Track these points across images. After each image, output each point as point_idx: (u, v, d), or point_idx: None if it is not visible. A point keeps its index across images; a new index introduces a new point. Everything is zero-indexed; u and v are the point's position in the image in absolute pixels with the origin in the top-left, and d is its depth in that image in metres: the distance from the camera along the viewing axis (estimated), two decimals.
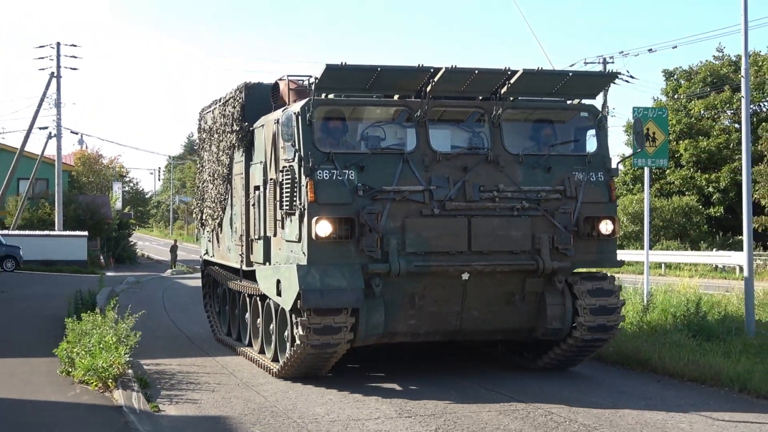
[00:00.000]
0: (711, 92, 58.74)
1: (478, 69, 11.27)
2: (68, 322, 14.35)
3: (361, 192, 10.85)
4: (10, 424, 9.75)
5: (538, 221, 11.33)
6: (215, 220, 15.88)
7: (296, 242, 11.10)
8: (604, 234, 11.57)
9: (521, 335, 12.06)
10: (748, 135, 16.51)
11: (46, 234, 47.91)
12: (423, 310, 11.27)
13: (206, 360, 15.01)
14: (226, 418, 10.58)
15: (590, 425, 9.59)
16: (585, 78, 12.19)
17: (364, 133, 11.71)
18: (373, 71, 11.07)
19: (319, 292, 10.41)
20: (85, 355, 12.29)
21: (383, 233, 10.81)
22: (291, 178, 11.12)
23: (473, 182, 11.15)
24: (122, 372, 11.96)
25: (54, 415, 10.24)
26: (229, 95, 14.73)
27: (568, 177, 11.48)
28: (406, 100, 11.64)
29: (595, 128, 12.13)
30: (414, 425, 9.97)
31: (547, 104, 12.43)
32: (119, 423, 9.70)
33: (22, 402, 10.91)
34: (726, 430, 9.82)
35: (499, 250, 11.18)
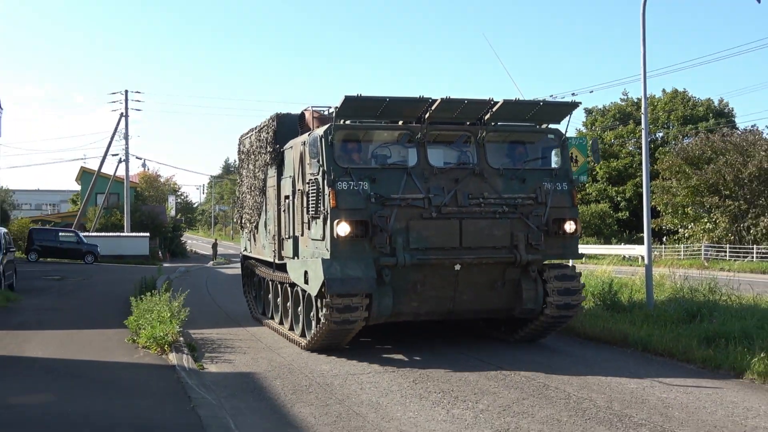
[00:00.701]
0: (619, 125, 59.24)
1: (467, 99, 11.13)
2: (134, 302, 14.31)
3: (373, 199, 10.62)
4: (92, 379, 9.74)
5: (515, 222, 11.13)
6: (252, 224, 15.49)
7: (320, 240, 10.84)
8: (568, 232, 11.44)
9: (502, 314, 11.86)
10: (647, 157, 16.69)
11: (117, 235, 47.86)
12: (423, 294, 11.07)
13: (239, 330, 15.00)
14: (254, 373, 10.58)
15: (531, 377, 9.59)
16: (553, 106, 11.92)
17: (373, 152, 11.49)
18: (383, 101, 10.92)
19: (340, 280, 10.21)
20: (146, 326, 12.28)
21: (391, 233, 10.59)
22: (316, 189, 10.82)
23: (463, 191, 10.94)
24: (175, 339, 11.95)
25: (123, 372, 10.22)
26: (264, 123, 14.34)
27: (539, 187, 11.31)
28: (408, 125, 11.39)
29: (559, 147, 11.94)
30: (396, 378, 9.98)
31: (521, 128, 12.18)
32: (173, 378, 9.68)
33: (100, 363, 10.89)
34: (635, 377, 9.85)
35: (484, 245, 10.98)
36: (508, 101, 11.40)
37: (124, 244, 45.63)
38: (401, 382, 9.79)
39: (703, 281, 16.19)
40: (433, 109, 11.06)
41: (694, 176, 46.87)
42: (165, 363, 10.73)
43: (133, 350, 11.74)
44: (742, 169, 43.97)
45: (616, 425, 7.75)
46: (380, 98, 10.86)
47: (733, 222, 46.29)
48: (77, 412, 7.89)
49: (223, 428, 7.39)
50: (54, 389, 9.03)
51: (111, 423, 7.45)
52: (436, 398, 8.88)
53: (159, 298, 14.10)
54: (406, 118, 11.46)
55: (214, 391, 9.24)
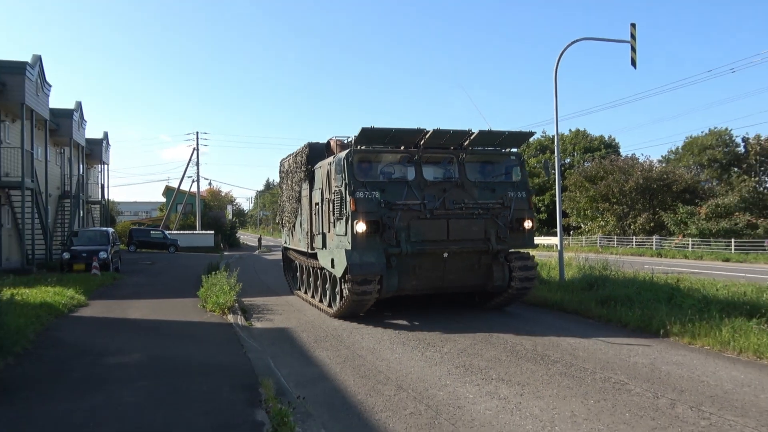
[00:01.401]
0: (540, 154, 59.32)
1: (452, 130, 11.01)
2: (204, 279, 14.27)
3: (383, 205, 10.34)
4: (174, 333, 9.72)
5: (488, 221, 10.86)
6: (290, 224, 15.04)
7: (344, 236, 10.44)
8: (527, 228, 11.14)
9: (478, 288, 11.49)
10: (559, 176, 16.65)
11: (191, 232, 47.67)
12: (420, 275, 10.74)
13: (277, 298, 14.96)
14: (287, 328, 10.57)
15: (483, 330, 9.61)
16: (514, 135, 11.45)
17: (381, 169, 11.07)
18: (389, 131, 10.74)
19: (359, 265, 10.01)
20: (212, 296, 12.26)
21: (397, 229, 10.30)
22: (340, 197, 10.55)
23: (449, 198, 10.71)
24: (232, 305, 11.94)
25: (196, 328, 10.19)
26: (299, 150, 13.91)
27: (505, 195, 11.07)
28: (408, 149, 11.14)
29: (519, 165, 11.68)
30: (387, 332, 9.98)
31: (490, 151, 11.77)
32: (231, 332, 9.66)
33: (179, 321, 10.85)
34: (552, 328, 9.89)
35: (465, 238, 10.72)
36: (483, 131, 11.25)
37: (196, 239, 45.47)
38: (391, 334, 9.78)
39: (598, 262, 16.26)
40: (426, 138, 10.96)
41: (592, 189, 47.98)
42: (225, 321, 10.70)
43: (203, 313, 11.70)
44: (625, 184, 44.71)
45: (539, 362, 7.79)
46: (387, 129, 10.71)
47: (619, 220, 46.96)
48: (165, 355, 7.88)
49: (266, 366, 7.40)
50: (148, 339, 9.02)
51: (188, 362, 7.45)
52: (414, 345, 8.90)
53: (221, 277, 14.10)
54: (406, 144, 11.23)
55: (259, 340, 9.25)
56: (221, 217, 57.25)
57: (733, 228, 37.75)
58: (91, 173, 38.60)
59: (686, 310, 10.14)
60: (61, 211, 29.41)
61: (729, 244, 35.50)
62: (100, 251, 20.59)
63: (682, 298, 11.19)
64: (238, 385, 6.41)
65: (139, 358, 7.72)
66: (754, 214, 39.25)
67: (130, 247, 39.32)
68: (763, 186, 42.86)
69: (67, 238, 24.00)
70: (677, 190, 44.72)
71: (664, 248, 38.47)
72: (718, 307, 10.27)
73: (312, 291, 13.58)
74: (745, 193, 40.55)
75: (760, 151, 44.37)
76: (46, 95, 23.61)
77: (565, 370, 7.34)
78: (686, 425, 5.38)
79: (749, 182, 41.93)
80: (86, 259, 19.94)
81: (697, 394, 6.29)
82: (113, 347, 8.42)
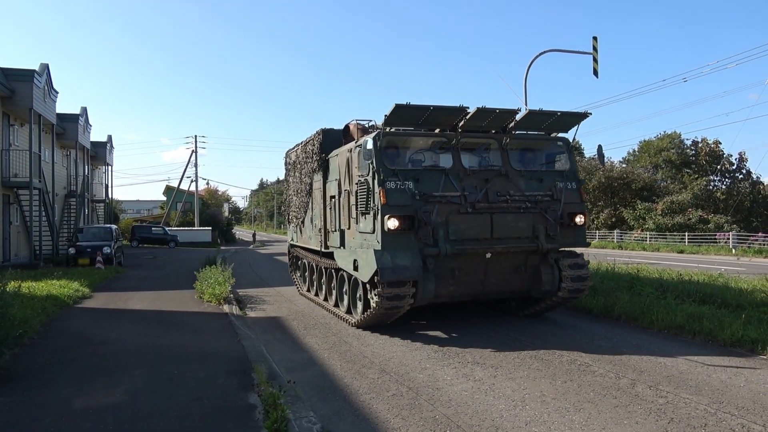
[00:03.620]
0: None
1: (499, 109, 8.69)
2: (200, 272, 14.11)
3: (418, 197, 8.22)
4: (172, 322, 9.54)
5: (536, 216, 8.80)
6: (299, 219, 12.94)
7: (370, 233, 8.39)
8: (578, 224, 9.01)
9: (522, 294, 9.34)
10: None
11: (190, 229, 47.19)
12: (459, 279, 8.61)
13: (270, 289, 14.82)
14: (278, 317, 10.45)
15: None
16: (567, 116, 9.18)
17: (410, 157, 8.97)
18: (427, 110, 8.43)
19: (391, 269, 7.87)
20: (208, 287, 12.11)
21: (434, 226, 8.21)
22: (366, 188, 8.44)
23: (493, 190, 8.64)
24: (227, 296, 11.79)
25: (193, 318, 10.03)
26: (309, 138, 11.75)
27: (554, 186, 9.01)
28: (444, 133, 8.96)
29: (567, 152, 9.47)
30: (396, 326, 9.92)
31: (537, 136, 9.62)
32: (226, 321, 9.52)
33: (178, 312, 10.68)
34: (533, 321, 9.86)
35: (511, 236, 8.62)
36: (533, 111, 9.00)
37: (195, 235, 45.03)
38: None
39: None
40: (467, 118, 8.76)
41: None
42: (221, 311, 10.56)
43: (200, 303, 11.54)
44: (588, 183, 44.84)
45: (510, 346, 7.74)
46: (425, 107, 8.43)
47: None
48: (163, 343, 7.74)
49: (259, 353, 7.29)
50: (147, 329, 8.87)
51: (185, 350, 7.32)
52: (396, 332, 8.82)
53: (217, 270, 13.94)
54: (442, 126, 9.07)
55: (253, 329, 9.13)
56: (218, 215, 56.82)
57: (686, 223, 38.26)
58: (96, 174, 38.17)
59: (645, 297, 10.19)
60: (67, 210, 29.03)
61: (683, 237, 35.96)
62: (104, 246, 20.36)
63: (642, 287, 11.23)
64: (232, 370, 6.31)
65: (139, 347, 7.57)
66: (705, 210, 39.77)
67: (132, 242, 38.87)
68: (712, 185, 43.42)
69: (72, 235, 23.69)
70: (636, 189, 45.16)
71: (625, 241, 38.86)
72: (673, 295, 10.33)
73: (325, 294, 11.41)
74: (697, 191, 41.03)
75: (708, 152, 44.93)
76: (53, 101, 23.35)
77: (535, 353, 7.32)
78: (645, 403, 5.37)
79: (700, 181, 42.45)
80: (91, 254, 19.72)
81: (655, 375, 6.30)
82: (114, 336, 8.26)
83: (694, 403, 5.36)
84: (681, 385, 5.93)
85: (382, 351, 7.58)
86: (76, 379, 6.07)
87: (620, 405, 5.33)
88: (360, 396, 5.71)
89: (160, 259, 26.23)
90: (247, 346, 7.53)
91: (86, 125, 30.53)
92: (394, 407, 5.36)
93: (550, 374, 6.36)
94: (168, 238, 40.08)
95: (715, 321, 8.35)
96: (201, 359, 6.83)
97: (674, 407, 5.25)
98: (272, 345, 8.04)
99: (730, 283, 11.93)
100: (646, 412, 5.12)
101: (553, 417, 5.04)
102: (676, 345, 7.75)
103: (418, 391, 5.82)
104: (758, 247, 30.12)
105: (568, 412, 5.17)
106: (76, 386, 5.80)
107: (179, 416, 4.88)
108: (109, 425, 4.72)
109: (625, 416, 5.04)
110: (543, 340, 8.09)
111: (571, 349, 7.53)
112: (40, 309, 9.72)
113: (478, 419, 5.01)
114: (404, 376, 6.39)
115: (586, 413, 5.12)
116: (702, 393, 5.65)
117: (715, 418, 4.95)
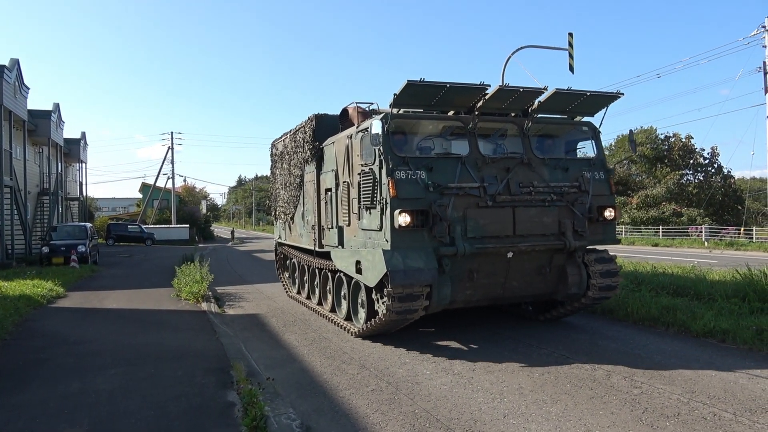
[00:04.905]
0: None
1: (522, 87, 7.50)
2: (177, 270, 13.95)
3: (431, 188, 7.17)
4: (149, 321, 9.42)
5: (562, 210, 7.76)
6: (287, 215, 11.78)
7: (377, 230, 7.31)
8: (608, 219, 8.02)
9: (545, 297, 8.29)
10: None
11: (167, 226, 46.56)
12: (477, 282, 7.52)
13: (248, 286, 14.71)
14: (257, 314, 10.38)
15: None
16: (596, 97, 8.06)
17: (418, 144, 7.80)
18: (442, 88, 7.29)
19: (403, 272, 6.81)
20: (186, 285, 11.99)
21: (450, 222, 7.16)
22: (371, 179, 7.36)
23: (515, 180, 7.59)
24: (205, 293, 11.68)
25: (171, 316, 9.92)
26: (300, 125, 10.52)
27: (581, 175, 7.98)
28: (460, 116, 7.87)
29: (593, 138, 8.44)
30: None
31: (560, 120, 8.52)
32: (204, 319, 9.44)
33: (155, 310, 10.55)
34: (499, 308, 9.93)
35: (535, 233, 7.59)
36: (560, 90, 7.78)
37: (172, 232, 44.45)
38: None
39: None
40: (487, 98, 7.62)
41: None
42: (199, 309, 10.46)
43: (178, 302, 11.42)
44: None
45: (489, 341, 7.80)
46: (440, 85, 7.28)
47: None
48: (140, 342, 7.65)
49: (238, 350, 7.25)
50: (124, 328, 8.75)
51: (163, 349, 7.24)
52: None
53: (194, 266, 13.81)
54: (456, 108, 7.96)
55: (231, 326, 9.07)
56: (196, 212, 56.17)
57: (660, 216, 38.97)
58: (70, 171, 37.47)
59: (620, 290, 10.34)
60: (41, 208, 28.44)
61: (658, 230, 36.58)
62: (79, 245, 20.02)
63: None
64: (210, 368, 6.26)
65: (115, 346, 7.47)
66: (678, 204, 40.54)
67: (108, 241, 38.24)
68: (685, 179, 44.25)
69: (46, 233, 23.24)
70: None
71: None
72: (648, 287, 10.51)
73: (319, 297, 10.31)
74: (671, 185, 41.80)
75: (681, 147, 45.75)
76: (24, 97, 22.87)
77: (512, 347, 7.39)
78: (620, 394, 5.46)
79: (673, 176, 43.21)
80: (65, 253, 19.37)
81: (631, 366, 6.40)
82: (90, 336, 8.14)
83: (667, 393, 5.46)
84: (655, 375, 6.04)
85: (362, 346, 7.58)
86: (51, 379, 5.97)
87: (596, 396, 5.41)
88: (340, 392, 5.71)
89: (136, 258, 25.86)
90: (226, 344, 7.48)
91: (59, 122, 29.94)
92: (373, 402, 5.37)
93: (528, 367, 6.43)
94: (144, 236, 39.52)
95: (688, 312, 8.52)
96: (179, 357, 6.76)
97: (648, 397, 5.35)
98: (251, 342, 7.99)
99: (703, 274, 12.18)
100: (621, 403, 5.21)
101: (530, 409, 5.10)
102: (651, 336, 7.90)
103: (398, 386, 5.83)
104: (729, 239, 30.83)
105: (545, 404, 5.23)
106: (50, 387, 5.70)
107: (156, 415, 4.83)
108: (85, 425, 4.66)
109: (600, 407, 5.12)
110: (520, 333, 8.17)
111: (547, 342, 7.63)
112: (13, 309, 9.53)
113: (457, 412, 5.05)
114: (384, 371, 6.41)
115: (563, 405, 5.19)
116: (675, 383, 5.76)
117: (687, 407, 5.06)
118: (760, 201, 43.74)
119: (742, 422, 4.71)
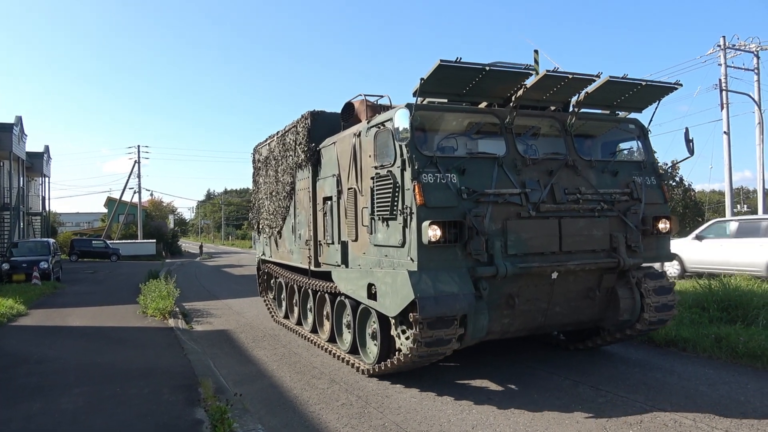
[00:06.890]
0: None
1: (572, 73, 6.02)
2: (144, 285, 13.71)
3: (465, 195, 5.80)
4: (115, 338, 9.23)
5: (613, 221, 6.49)
6: (274, 228, 10.28)
7: (397, 247, 5.90)
8: (662, 231, 6.74)
9: (589, 325, 6.96)
10: None
11: (133, 241, 45.69)
12: (516, 309, 6.13)
13: (217, 302, 14.54)
14: (226, 330, 10.28)
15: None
16: (653, 89, 6.65)
17: (438, 143, 6.40)
18: (479, 72, 5.79)
19: (434, 299, 5.40)
20: (152, 301, 11.80)
21: (487, 236, 5.81)
22: (391, 183, 5.98)
23: (559, 185, 6.30)
24: (172, 309, 11.54)
25: (137, 333, 9.75)
26: (291, 125, 9.14)
27: (632, 180, 6.73)
28: (493, 108, 6.54)
29: (641, 137, 7.15)
30: None
31: (604, 117, 7.16)
32: (171, 335, 9.30)
33: (120, 327, 10.35)
34: None
35: (584, 249, 6.31)
36: (614, 78, 6.34)
37: (138, 248, 43.61)
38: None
39: None
40: (528, 87, 6.23)
41: None
42: (166, 326, 10.30)
43: (144, 318, 11.22)
44: None
45: None
46: (477, 68, 5.77)
47: None
48: (105, 360, 7.49)
49: (206, 367, 7.16)
50: (88, 346, 8.56)
51: (128, 366, 7.10)
52: None
53: (161, 283, 13.60)
54: (491, 98, 6.54)
55: (199, 343, 8.96)
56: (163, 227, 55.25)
57: None
58: (32, 186, 36.55)
59: None
60: (1, 224, 27.67)
61: None
62: (41, 261, 19.52)
63: None
64: (178, 386, 6.17)
65: (79, 365, 7.30)
66: None
67: (71, 256, 37.31)
68: None
69: (6, 250, 22.57)
70: None
71: None
72: None
73: (313, 324, 8.92)
74: None
75: None
76: None
77: (481, 359, 7.46)
78: (586, 403, 5.58)
79: None
80: (26, 270, 18.87)
81: (596, 376, 6.54)
82: (52, 355, 7.94)
83: (631, 401, 5.60)
84: (619, 384, 6.18)
85: (332, 361, 7.57)
86: (12, 399, 5.80)
87: (563, 406, 5.52)
88: (309, 407, 5.70)
89: (101, 274, 25.30)
90: (194, 361, 7.38)
91: (21, 135, 29.23)
92: (343, 416, 5.38)
93: (497, 378, 6.51)
94: (110, 251, 38.69)
95: None
96: (145, 375, 6.65)
97: (612, 406, 5.48)
98: (220, 359, 7.91)
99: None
100: (587, 411, 5.33)
101: (498, 420, 5.18)
102: (616, 347, 8.07)
103: (368, 400, 5.85)
104: None
105: (513, 414, 5.31)
106: (12, 407, 5.54)
107: None
108: None
109: (566, 417, 5.22)
110: (489, 345, 8.26)
111: (516, 352, 7.73)
112: None
113: (426, 425, 5.08)
114: (354, 385, 6.41)
115: (530, 415, 5.28)
116: (638, 391, 5.92)
117: (650, 415, 5.20)
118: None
119: (702, 428, 4.86)
